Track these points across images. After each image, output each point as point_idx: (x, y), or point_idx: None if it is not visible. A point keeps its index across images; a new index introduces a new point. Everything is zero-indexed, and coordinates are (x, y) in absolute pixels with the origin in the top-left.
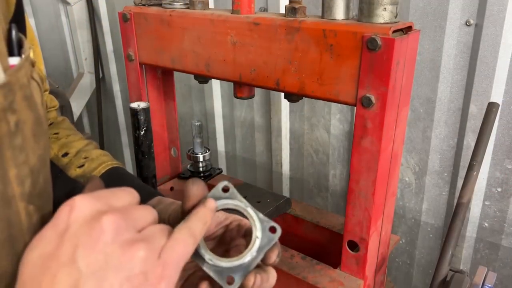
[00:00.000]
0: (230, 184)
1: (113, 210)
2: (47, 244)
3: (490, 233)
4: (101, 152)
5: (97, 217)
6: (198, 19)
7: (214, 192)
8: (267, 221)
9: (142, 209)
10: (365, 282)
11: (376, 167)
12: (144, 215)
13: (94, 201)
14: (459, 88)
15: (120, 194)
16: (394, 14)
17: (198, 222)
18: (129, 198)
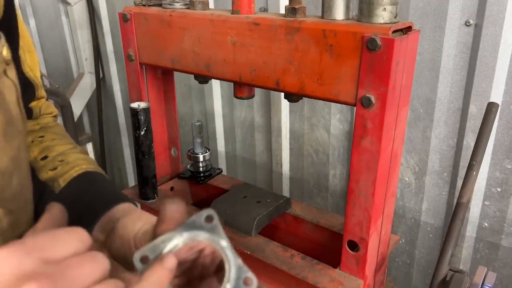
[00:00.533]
0: (215, 214)
1: (40, 275)
2: None
3: (489, 233)
4: (81, 157)
5: (17, 284)
6: (198, 19)
7: (194, 219)
8: (245, 270)
9: (87, 263)
10: (365, 282)
11: (376, 167)
12: (88, 272)
13: (21, 257)
14: (458, 88)
15: (63, 240)
16: (394, 14)
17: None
18: (75, 245)
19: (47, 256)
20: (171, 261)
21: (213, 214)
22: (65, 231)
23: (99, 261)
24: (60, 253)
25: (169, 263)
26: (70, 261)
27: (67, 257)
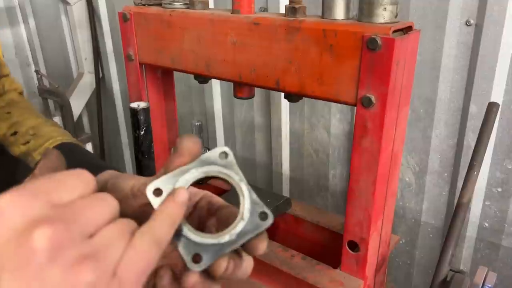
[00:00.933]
0: (230, 151)
1: (51, 217)
2: None
3: (490, 233)
4: (54, 129)
5: (28, 229)
6: (198, 19)
7: (209, 155)
8: (260, 205)
9: (96, 203)
10: (365, 282)
11: (376, 167)
12: (99, 212)
13: (26, 202)
14: (459, 88)
15: (68, 183)
16: (394, 14)
17: (164, 224)
18: (80, 187)
19: (53, 199)
20: (183, 194)
21: (228, 150)
22: (69, 173)
23: (108, 201)
24: (67, 196)
25: (181, 197)
26: (78, 203)
27: (74, 199)
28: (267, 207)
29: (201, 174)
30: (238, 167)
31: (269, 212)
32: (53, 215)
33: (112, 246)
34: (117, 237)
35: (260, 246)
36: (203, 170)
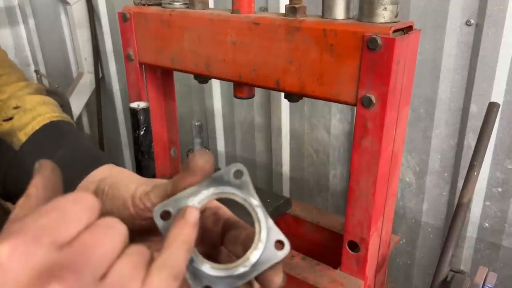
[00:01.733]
0: (244, 169)
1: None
2: None
3: (490, 234)
4: (40, 100)
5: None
6: (198, 18)
7: (222, 173)
8: (276, 232)
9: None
10: (366, 282)
11: (376, 167)
12: (109, 246)
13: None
14: (459, 88)
15: (71, 214)
16: (395, 14)
17: (180, 252)
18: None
19: (58, 238)
20: (195, 214)
21: (243, 168)
22: (70, 201)
23: (117, 228)
24: (72, 230)
25: (193, 217)
26: (87, 238)
27: (81, 234)
28: (284, 235)
29: (213, 196)
30: (253, 187)
31: (286, 240)
32: (61, 261)
33: (128, 284)
34: (132, 274)
35: (275, 279)
36: (215, 192)
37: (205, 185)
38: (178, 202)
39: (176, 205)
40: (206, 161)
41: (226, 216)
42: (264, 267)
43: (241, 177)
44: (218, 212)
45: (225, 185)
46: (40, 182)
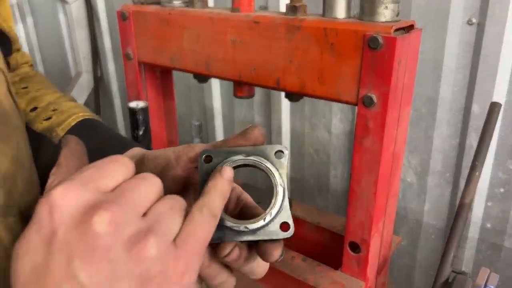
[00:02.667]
0: (286, 153)
1: (105, 202)
2: (35, 254)
3: (492, 234)
4: (74, 104)
5: (87, 217)
6: (198, 17)
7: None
8: (287, 213)
9: (141, 184)
10: (367, 283)
11: (377, 168)
12: (145, 192)
13: (77, 192)
14: (461, 87)
15: (109, 169)
16: (396, 13)
17: (217, 199)
18: (122, 171)
19: (101, 186)
20: (230, 172)
21: (285, 150)
22: (108, 160)
23: (152, 180)
24: (112, 181)
25: (228, 174)
26: (125, 186)
27: (119, 184)
28: (292, 220)
29: (250, 161)
30: (286, 170)
31: (292, 225)
32: (105, 200)
33: (166, 220)
34: (170, 212)
35: (274, 253)
36: (253, 159)
37: (248, 150)
38: (221, 153)
39: (218, 154)
40: (260, 134)
41: (247, 201)
42: (263, 237)
43: (280, 157)
44: (241, 196)
45: (264, 158)
46: (68, 152)
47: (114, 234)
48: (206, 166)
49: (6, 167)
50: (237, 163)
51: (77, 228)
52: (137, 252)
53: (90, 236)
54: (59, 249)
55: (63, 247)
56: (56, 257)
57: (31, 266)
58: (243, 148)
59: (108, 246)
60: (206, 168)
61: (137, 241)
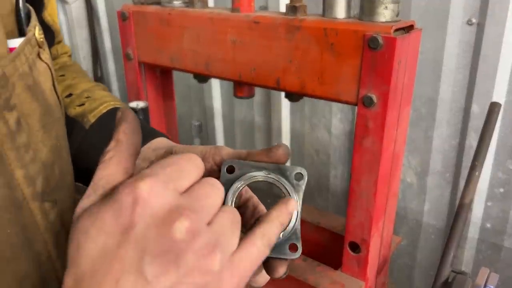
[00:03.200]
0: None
1: (186, 209)
2: (110, 237)
3: (492, 234)
4: (106, 94)
5: (168, 220)
6: (198, 17)
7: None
8: (297, 237)
9: (211, 190)
10: (367, 283)
11: (377, 168)
12: (214, 199)
13: (161, 191)
14: (461, 87)
15: (186, 169)
16: (396, 13)
17: (278, 229)
18: (196, 173)
19: (179, 186)
20: (294, 205)
21: (305, 174)
22: (185, 159)
23: (218, 187)
24: (187, 182)
25: (293, 207)
26: (198, 191)
27: (193, 186)
28: (300, 243)
29: (269, 179)
30: (303, 193)
31: (300, 248)
32: (184, 204)
33: (228, 235)
34: (231, 227)
35: (279, 270)
36: (273, 177)
37: (270, 167)
38: (245, 166)
39: (241, 167)
40: (284, 154)
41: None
42: (272, 254)
43: (299, 180)
44: (258, 207)
45: (284, 178)
46: (128, 128)
47: (189, 242)
48: (227, 176)
49: (46, 155)
50: (258, 178)
51: (157, 228)
52: (205, 265)
53: (167, 239)
54: (135, 240)
55: (139, 240)
56: (130, 247)
57: (102, 247)
58: (265, 164)
59: (181, 252)
60: (227, 178)
61: (207, 254)
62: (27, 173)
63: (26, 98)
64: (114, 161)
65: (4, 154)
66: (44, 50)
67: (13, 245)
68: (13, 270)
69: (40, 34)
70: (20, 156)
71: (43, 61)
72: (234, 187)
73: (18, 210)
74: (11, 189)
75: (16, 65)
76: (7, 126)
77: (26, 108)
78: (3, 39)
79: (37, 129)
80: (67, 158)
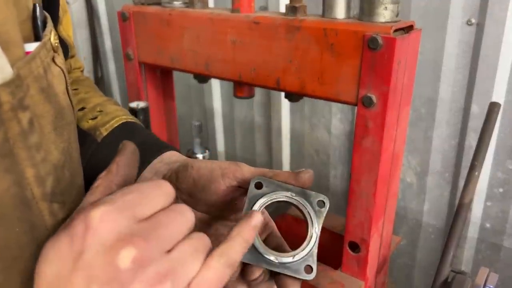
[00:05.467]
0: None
1: (136, 236)
2: (63, 263)
3: (492, 234)
4: (118, 108)
5: (115, 248)
6: (198, 18)
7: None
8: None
9: (176, 218)
10: (366, 283)
11: (377, 168)
12: (178, 227)
13: (114, 219)
14: (460, 87)
15: (150, 195)
16: (395, 13)
17: (239, 248)
18: (161, 200)
19: (138, 213)
20: (258, 219)
21: (327, 202)
22: (151, 186)
23: (186, 214)
24: (149, 210)
25: (256, 221)
26: (159, 218)
27: (157, 213)
28: (316, 266)
29: (293, 201)
30: (323, 218)
31: (315, 270)
32: (137, 232)
33: (188, 263)
34: (193, 255)
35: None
36: (297, 199)
37: (294, 190)
38: (272, 184)
39: (269, 185)
40: (309, 180)
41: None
42: (287, 272)
43: (321, 207)
44: (269, 224)
45: (307, 202)
46: (122, 160)
47: (134, 271)
48: (255, 192)
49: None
50: (283, 199)
51: (104, 256)
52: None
53: (112, 268)
54: (82, 268)
55: (86, 268)
56: (79, 274)
57: (56, 272)
58: (290, 186)
59: (126, 281)
60: (255, 193)
61: (155, 284)
62: (38, 172)
63: (40, 100)
64: (99, 189)
65: (15, 152)
66: (59, 55)
67: (21, 244)
68: (20, 268)
69: (55, 39)
70: (31, 156)
71: (57, 65)
72: (260, 202)
73: (27, 209)
74: (21, 188)
75: (31, 67)
76: (20, 126)
77: (39, 110)
78: (20, 42)
79: (49, 130)
80: (77, 162)
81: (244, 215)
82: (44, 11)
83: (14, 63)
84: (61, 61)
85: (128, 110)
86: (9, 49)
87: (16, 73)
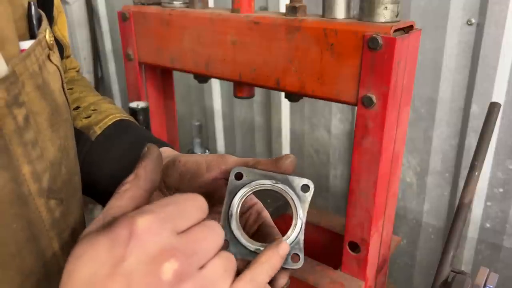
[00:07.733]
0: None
1: (178, 250)
2: (101, 266)
3: (492, 234)
4: (112, 106)
5: (159, 259)
6: (198, 18)
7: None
8: (300, 248)
9: (209, 234)
10: (366, 283)
11: (377, 168)
12: (211, 244)
13: (158, 230)
14: (460, 87)
15: (187, 209)
16: (395, 13)
17: (266, 275)
18: (197, 215)
19: (177, 227)
20: (286, 249)
21: (311, 186)
22: (187, 199)
23: (217, 231)
24: (186, 223)
25: (284, 251)
26: (195, 233)
27: (192, 228)
28: (303, 254)
29: (276, 188)
30: (308, 205)
31: (302, 258)
32: (178, 246)
33: (219, 283)
34: (223, 276)
35: (280, 281)
36: (280, 187)
37: (277, 177)
38: (253, 174)
39: (249, 174)
40: (291, 165)
41: (266, 219)
42: None
43: (306, 191)
44: (261, 213)
45: (290, 188)
46: (149, 165)
47: (173, 284)
48: (235, 183)
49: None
50: (265, 187)
51: (146, 265)
52: None
53: (155, 278)
54: (123, 274)
55: (128, 275)
56: (117, 279)
57: (92, 274)
58: (273, 173)
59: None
60: (235, 184)
61: None
62: (34, 169)
63: (35, 97)
64: (128, 194)
65: (11, 149)
66: (54, 53)
67: (18, 241)
68: (18, 265)
69: (51, 37)
70: (27, 152)
71: (53, 63)
72: (241, 193)
73: (23, 206)
74: (18, 184)
75: (26, 64)
76: (15, 122)
77: (34, 106)
78: (15, 39)
79: (45, 127)
80: (74, 159)
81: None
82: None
83: (9, 60)
84: (57, 59)
85: (128, 110)
86: (4, 46)
87: (11, 70)
